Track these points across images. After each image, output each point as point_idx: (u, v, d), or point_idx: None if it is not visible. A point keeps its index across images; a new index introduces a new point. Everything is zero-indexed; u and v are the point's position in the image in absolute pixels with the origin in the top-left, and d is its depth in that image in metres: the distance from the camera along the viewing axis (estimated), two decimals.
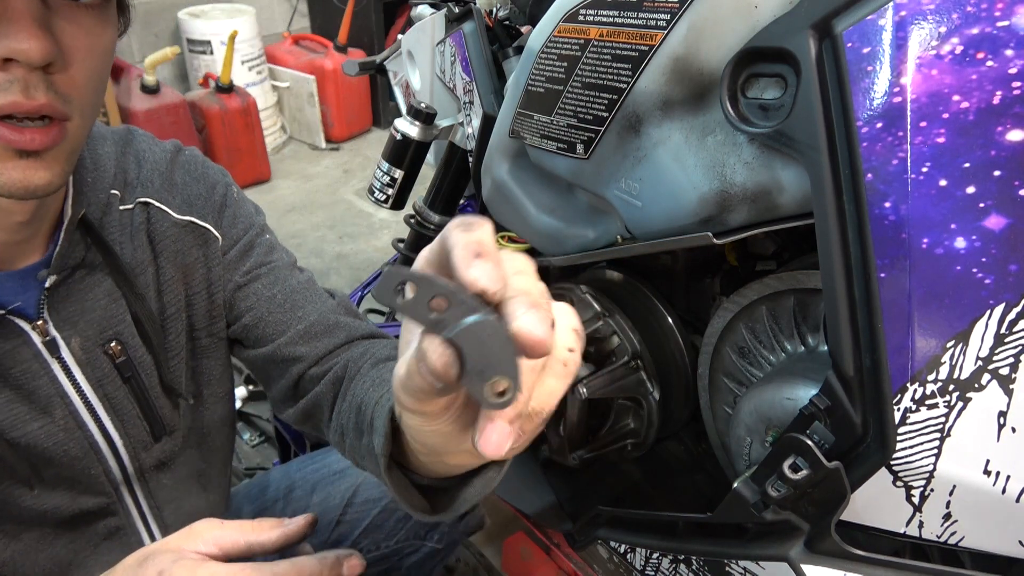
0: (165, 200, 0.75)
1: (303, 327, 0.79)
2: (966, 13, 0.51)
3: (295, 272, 0.84)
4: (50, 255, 0.66)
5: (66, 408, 0.68)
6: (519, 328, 0.33)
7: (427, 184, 1.28)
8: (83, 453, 0.70)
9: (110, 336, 0.70)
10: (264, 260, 0.81)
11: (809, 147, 0.57)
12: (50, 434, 0.67)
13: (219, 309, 0.80)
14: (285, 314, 0.80)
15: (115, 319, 0.70)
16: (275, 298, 0.80)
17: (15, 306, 0.64)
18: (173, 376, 0.76)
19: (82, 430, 0.69)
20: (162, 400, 0.76)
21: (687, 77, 0.66)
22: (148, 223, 0.73)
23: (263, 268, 0.81)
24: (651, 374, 0.94)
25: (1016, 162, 0.51)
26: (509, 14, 1.13)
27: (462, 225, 0.36)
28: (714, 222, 0.68)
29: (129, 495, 0.76)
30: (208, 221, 0.77)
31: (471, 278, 0.33)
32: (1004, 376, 0.54)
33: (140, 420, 0.74)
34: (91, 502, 0.73)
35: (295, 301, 0.81)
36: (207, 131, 3.00)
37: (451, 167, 1.23)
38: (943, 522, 0.59)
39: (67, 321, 0.67)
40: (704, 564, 0.79)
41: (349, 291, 1.84)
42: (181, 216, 0.75)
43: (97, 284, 0.69)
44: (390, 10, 3.60)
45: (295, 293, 0.81)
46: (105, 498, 0.74)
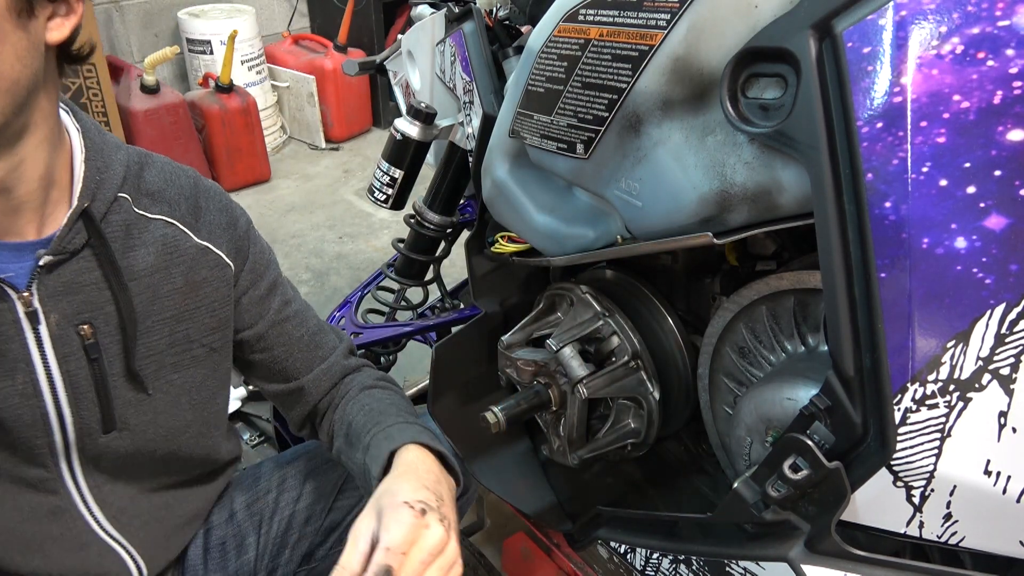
0: (189, 224, 0.82)
1: (325, 367, 0.94)
2: (966, 13, 0.51)
3: (308, 308, 0.97)
4: (51, 237, 0.71)
5: (29, 375, 0.73)
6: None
7: (427, 184, 1.28)
8: (32, 421, 0.74)
9: (85, 318, 0.74)
10: (288, 298, 0.93)
11: (809, 147, 0.57)
12: (7, 396, 0.72)
13: (221, 324, 0.85)
14: (310, 353, 0.94)
15: (95, 305, 0.75)
16: (302, 339, 0.94)
17: (7, 276, 0.70)
18: (141, 367, 0.79)
19: (37, 398, 0.74)
20: (122, 391, 0.79)
21: (687, 77, 0.66)
22: (168, 239, 0.79)
23: (289, 309, 0.93)
24: (651, 374, 0.94)
25: (1016, 162, 0.51)
26: (509, 14, 1.12)
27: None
28: (714, 222, 0.68)
29: (70, 476, 0.80)
30: (223, 250, 0.84)
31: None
32: (1004, 376, 0.54)
33: (94, 405, 0.77)
34: (31, 473, 0.77)
35: (316, 341, 0.95)
36: (207, 131, 3.00)
37: (451, 167, 1.23)
38: (943, 522, 0.59)
39: (51, 298, 0.72)
40: (704, 564, 0.79)
41: (349, 291, 1.84)
42: (200, 240, 0.82)
43: (88, 271, 0.73)
44: (390, 10, 3.60)
45: (316, 334, 0.95)
46: (45, 471, 0.78)
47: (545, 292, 1.05)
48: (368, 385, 0.94)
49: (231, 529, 1.00)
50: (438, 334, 1.46)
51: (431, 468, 0.78)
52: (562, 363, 0.93)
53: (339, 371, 0.95)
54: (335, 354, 0.96)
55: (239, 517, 1.01)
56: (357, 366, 0.98)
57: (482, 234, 1.08)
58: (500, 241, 1.02)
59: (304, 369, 0.94)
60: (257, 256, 0.90)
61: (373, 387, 0.94)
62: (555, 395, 0.97)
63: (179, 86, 3.41)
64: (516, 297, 1.14)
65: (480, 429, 0.96)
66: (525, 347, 1.03)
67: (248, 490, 1.03)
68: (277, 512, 1.01)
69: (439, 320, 1.36)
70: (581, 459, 0.98)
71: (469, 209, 1.41)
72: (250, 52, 3.26)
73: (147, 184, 0.79)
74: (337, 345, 0.97)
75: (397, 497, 0.69)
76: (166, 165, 0.84)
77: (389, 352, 1.57)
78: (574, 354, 0.92)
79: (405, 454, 0.78)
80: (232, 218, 0.87)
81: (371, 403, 0.90)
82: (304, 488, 1.02)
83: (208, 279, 0.83)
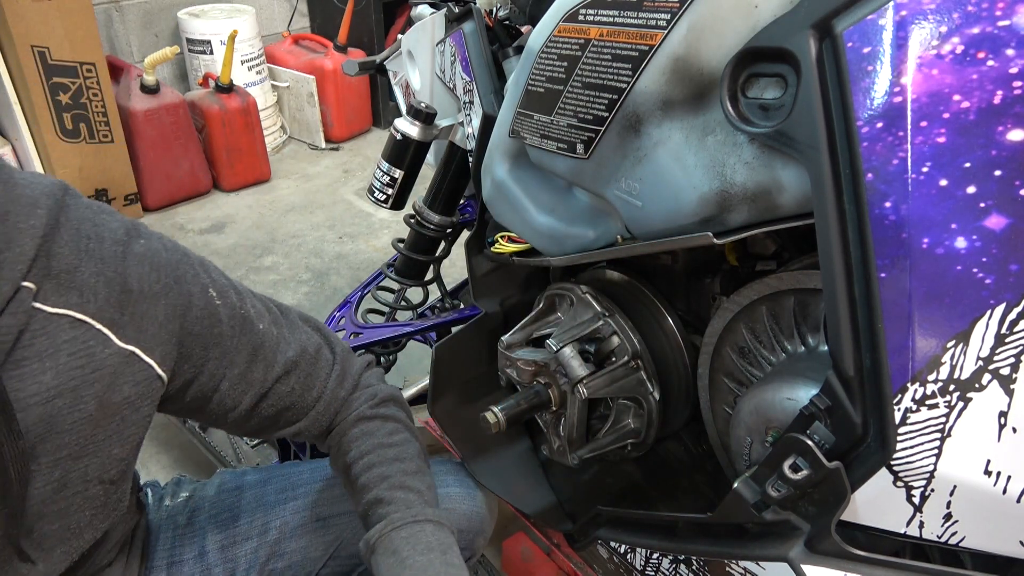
0: (110, 321, 0.60)
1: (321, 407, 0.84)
2: (967, 13, 0.51)
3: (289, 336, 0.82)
4: None
5: None
6: None
7: (427, 184, 1.28)
8: None
9: None
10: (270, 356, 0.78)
11: (809, 147, 0.57)
12: None
13: (131, 451, 0.68)
14: (302, 400, 0.83)
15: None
16: (293, 391, 0.81)
17: None
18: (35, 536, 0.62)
19: None
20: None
21: (687, 77, 0.66)
22: (77, 346, 0.58)
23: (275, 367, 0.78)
24: (651, 374, 0.94)
25: (1017, 162, 0.51)
26: (509, 14, 1.12)
27: None
28: (714, 222, 0.68)
29: None
30: (156, 355, 0.64)
31: None
32: (1005, 376, 0.54)
33: None
34: None
35: (308, 383, 0.83)
36: (207, 131, 3.00)
37: (451, 167, 1.23)
38: (943, 522, 0.59)
39: None
40: (704, 564, 0.79)
41: (349, 291, 1.84)
42: (124, 345, 0.61)
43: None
44: (390, 10, 3.60)
45: (308, 376, 0.82)
46: None
47: (545, 292, 1.05)
48: (365, 416, 0.85)
49: (199, 569, 0.90)
50: (438, 334, 1.46)
51: None
52: (562, 363, 0.93)
53: (337, 404, 0.86)
54: (330, 386, 0.85)
55: (211, 559, 0.91)
56: (352, 387, 0.87)
57: (482, 234, 1.08)
58: (500, 241, 1.02)
59: (299, 416, 0.84)
60: (227, 332, 0.72)
61: (371, 419, 0.85)
62: (555, 395, 0.97)
63: (179, 86, 3.41)
64: (516, 297, 1.14)
65: (480, 429, 0.96)
66: (525, 347, 1.03)
67: (224, 528, 0.92)
68: (255, 567, 0.91)
69: (439, 320, 1.36)
70: (581, 459, 0.98)
71: (469, 209, 1.41)
72: (250, 52, 3.26)
73: (56, 260, 0.57)
74: (331, 370, 0.85)
75: None
76: (84, 224, 0.59)
77: (389, 352, 1.57)
78: (574, 354, 0.92)
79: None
80: (178, 303, 0.66)
81: (370, 453, 0.81)
82: (289, 546, 0.92)
83: (130, 399, 0.63)
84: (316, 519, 0.95)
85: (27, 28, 2.38)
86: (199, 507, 0.96)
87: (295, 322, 0.84)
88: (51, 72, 2.49)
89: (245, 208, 3.04)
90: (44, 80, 2.48)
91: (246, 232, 2.86)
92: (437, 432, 1.42)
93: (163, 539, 0.92)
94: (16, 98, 2.50)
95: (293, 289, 2.50)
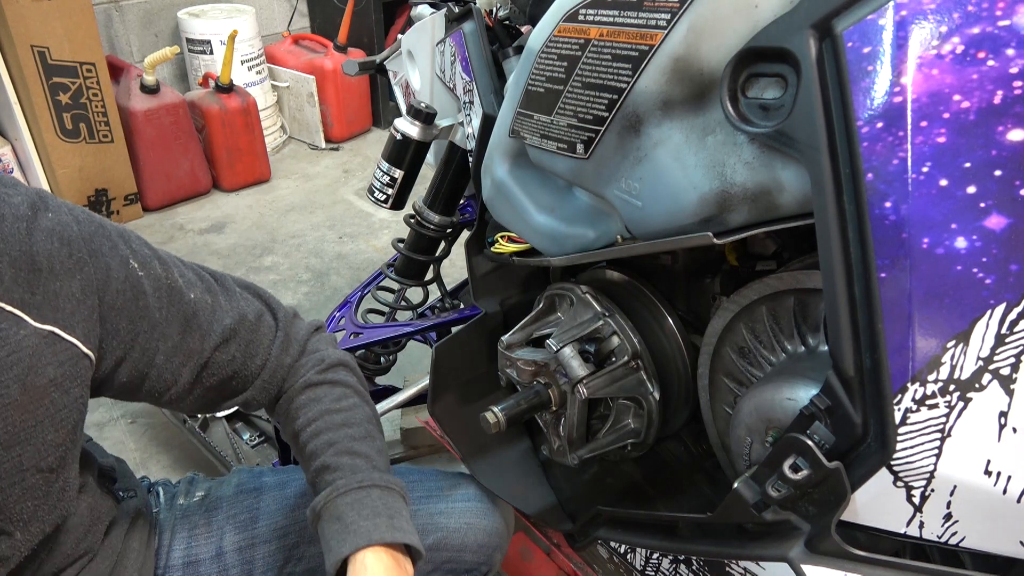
0: (20, 301, 0.57)
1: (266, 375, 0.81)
2: (967, 12, 0.51)
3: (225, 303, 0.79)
4: None
5: None
6: None
7: (427, 184, 1.28)
8: None
9: None
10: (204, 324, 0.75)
11: (809, 147, 0.57)
12: None
13: (68, 435, 0.65)
14: (245, 368, 0.80)
15: None
16: (235, 360, 0.79)
17: None
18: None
19: None
20: None
21: (687, 77, 0.66)
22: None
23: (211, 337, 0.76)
24: (651, 374, 0.94)
25: (1017, 162, 0.51)
26: (509, 14, 1.12)
27: None
28: (714, 222, 0.68)
29: None
30: (78, 332, 0.61)
31: None
32: (1005, 376, 0.54)
33: None
34: None
35: (249, 352, 0.80)
36: (207, 131, 3.00)
37: (451, 167, 1.23)
38: (943, 522, 0.59)
39: None
40: (704, 564, 0.79)
41: (349, 291, 1.84)
42: (42, 325, 0.59)
43: None
44: (390, 10, 3.60)
45: (248, 344, 0.80)
46: None
47: (545, 292, 1.05)
48: (312, 382, 0.83)
49: (216, 569, 0.91)
50: (438, 334, 1.46)
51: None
52: (562, 363, 0.93)
53: (283, 372, 0.83)
54: (273, 352, 0.82)
55: (228, 559, 0.91)
56: (298, 353, 0.84)
57: (482, 234, 1.08)
58: (500, 241, 1.02)
59: (243, 385, 0.81)
60: (153, 305, 0.69)
61: (319, 384, 0.83)
62: (555, 395, 0.97)
63: (179, 86, 3.41)
64: (516, 297, 1.14)
65: (480, 429, 0.96)
66: (525, 347, 1.03)
67: (243, 529, 0.92)
68: (272, 569, 0.92)
69: (439, 320, 1.36)
70: (581, 459, 0.98)
71: (469, 209, 1.41)
72: (250, 52, 3.26)
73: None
74: (273, 336, 0.82)
75: None
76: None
77: (389, 352, 1.57)
78: (574, 354, 0.92)
79: (361, 570, 0.70)
80: (94, 277, 0.63)
81: (318, 419, 0.80)
82: (308, 551, 0.93)
83: (56, 380, 0.61)
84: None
85: (27, 28, 2.39)
86: (217, 507, 0.95)
87: (231, 289, 0.81)
88: (51, 72, 2.49)
89: (245, 208, 3.05)
90: (44, 80, 2.48)
91: (246, 232, 2.86)
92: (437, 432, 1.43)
93: (179, 538, 0.91)
94: (16, 98, 2.50)
95: (293, 289, 2.50)
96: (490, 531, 1.00)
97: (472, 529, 0.99)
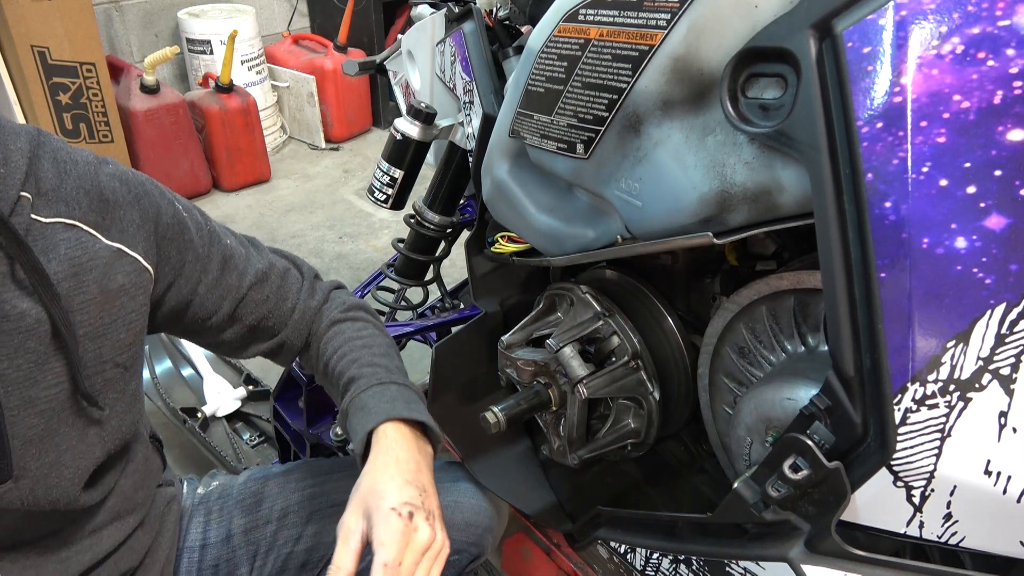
0: (94, 223, 0.70)
1: (297, 316, 0.91)
2: (967, 12, 0.51)
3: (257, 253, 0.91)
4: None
5: None
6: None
7: (427, 184, 1.28)
8: None
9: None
10: (241, 265, 0.87)
11: (809, 147, 0.57)
12: None
13: (135, 338, 0.76)
14: (280, 308, 0.90)
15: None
16: (269, 300, 0.89)
17: None
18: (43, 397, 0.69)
19: None
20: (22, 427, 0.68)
21: (687, 77, 0.66)
22: (72, 243, 0.68)
23: (247, 276, 0.87)
24: (651, 374, 0.94)
25: (1017, 162, 0.51)
26: (509, 14, 1.12)
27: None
28: (714, 222, 0.68)
29: None
30: (139, 251, 0.74)
31: None
32: (1005, 376, 0.54)
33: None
34: None
35: (282, 294, 0.90)
36: (207, 131, 3.00)
37: (451, 167, 1.23)
38: (943, 522, 0.59)
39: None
40: (704, 564, 0.79)
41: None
42: (111, 242, 0.71)
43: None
44: (390, 10, 3.60)
45: (280, 287, 0.90)
46: None
47: (545, 292, 1.05)
48: (336, 319, 0.92)
49: (225, 552, 0.97)
50: (438, 334, 1.46)
51: (410, 452, 0.78)
52: (562, 363, 0.93)
53: (311, 314, 0.93)
54: (302, 297, 0.92)
55: (235, 541, 0.98)
56: (323, 300, 0.94)
57: (482, 234, 1.08)
58: (500, 241, 1.02)
59: (279, 326, 0.91)
60: (197, 241, 0.81)
61: (342, 321, 0.92)
62: (555, 395, 0.97)
63: (179, 86, 3.41)
64: (516, 297, 1.14)
65: (480, 429, 0.96)
66: (525, 347, 1.03)
67: (248, 513, 0.99)
68: (273, 549, 0.98)
69: (439, 320, 1.36)
70: (581, 459, 0.98)
71: (469, 209, 1.40)
72: (250, 52, 3.26)
73: (42, 182, 0.68)
74: (301, 285, 0.93)
75: (384, 501, 0.72)
76: (59, 151, 0.71)
77: None
78: (574, 354, 0.92)
79: (383, 438, 0.78)
80: (149, 209, 0.76)
81: (343, 346, 0.89)
82: (305, 530, 0.98)
83: (125, 287, 0.72)
84: (330, 505, 1.00)
85: (27, 28, 2.39)
86: (228, 493, 1.02)
87: (261, 247, 0.94)
88: (51, 72, 2.49)
89: (245, 208, 3.05)
90: (44, 80, 2.48)
91: (246, 232, 2.86)
92: None
93: (195, 523, 0.99)
94: (16, 98, 2.51)
95: None
96: (478, 510, 1.02)
97: (460, 507, 1.01)
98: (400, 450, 0.78)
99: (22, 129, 0.68)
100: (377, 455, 0.77)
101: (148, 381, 1.84)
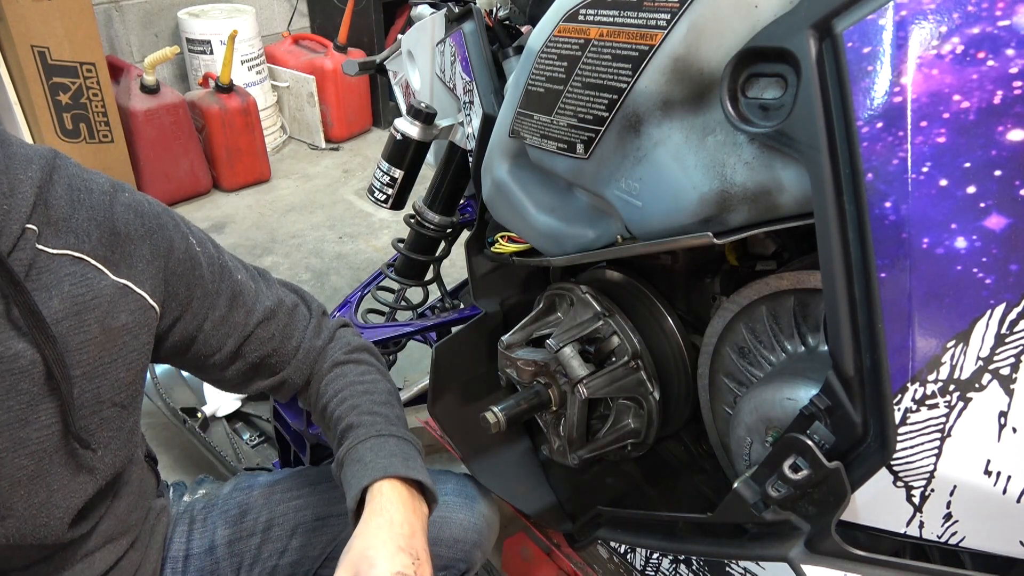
0: (103, 258, 0.69)
1: (301, 355, 0.90)
2: (967, 13, 0.51)
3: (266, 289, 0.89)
4: None
5: None
6: None
7: (427, 184, 1.28)
8: None
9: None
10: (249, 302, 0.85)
11: (809, 147, 0.57)
12: None
13: (136, 377, 0.75)
14: (284, 346, 0.89)
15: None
16: (274, 338, 0.87)
17: None
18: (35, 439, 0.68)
19: None
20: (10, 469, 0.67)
21: (687, 77, 0.66)
22: (77, 278, 0.67)
23: (255, 313, 0.85)
24: (651, 374, 0.94)
25: (1017, 162, 0.51)
26: (509, 14, 1.12)
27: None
28: (714, 222, 0.68)
29: None
30: (147, 288, 0.72)
31: None
32: (1005, 376, 0.54)
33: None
34: None
35: (287, 332, 0.89)
36: (207, 131, 3.00)
37: (451, 167, 1.23)
38: (943, 522, 0.59)
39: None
40: (704, 564, 0.79)
41: (349, 291, 1.84)
42: (118, 278, 0.70)
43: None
44: (390, 10, 3.60)
45: (287, 325, 0.89)
46: None
47: (545, 292, 1.05)
48: (339, 361, 0.91)
49: (209, 563, 0.95)
50: (438, 334, 1.46)
51: (405, 515, 0.75)
52: (562, 363, 0.93)
53: (315, 353, 0.91)
54: (307, 336, 0.90)
55: (219, 552, 0.96)
56: (328, 339, 0.93)
57: (482, 234, 1.08)
58: (500, 241, 1.02)
59: (282, 364, 0.89)
60: (207, 276, 0.80)
61: (345, 363, 0.91)
62: (555, 395, 0.97)
63: (179, 86, 3.41)
64: (516, 297, 1.14)
65: (480, 429, 0.96)
66: (525, 347, 1.03)
67: (233, 524, 0.97)
68: (258, 563, 0.96)
69: (439, 320, 1.36)
70: (581, 459, 0.98)
71: (469, 209, 1.40)
72: (250, 52, 3.26)
73: (53, 209, 0.66)
74: (308, 323, 0.91)
75: (375, 569, 0.69)
76: (75, 178, 0.69)
77: (389, 352, 1.57)
78: (574, 354, 0.92)
79: (378, 496, 0.75)
80: (161, 244, 0.74)
81: (343, 390, 0.87)
82: (290, 543, 0.96)
83: (128, 325, 0.71)
84: (315, 518, 0.98)
85: (27, 28, 2.39)
86: (213, 504, 1.00)
87: (271, 280, 0.92)
88: (51, 72, 2.49)
89: (245, 208, 3.05)
90: (44, 80, 2.48)
91: (246, 232, 2.86)
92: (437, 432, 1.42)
93: (179, 532, 0.97)
94: (16, 98, 2.50)
95: None
96: (466, 526, 0.99)
97: (447, 523, 0.98)
98: (395, 512, 0.74)
99: (36, 154, 0.67)
100: (371, 516, 0.74)
101: (148, 381, 1.84)
